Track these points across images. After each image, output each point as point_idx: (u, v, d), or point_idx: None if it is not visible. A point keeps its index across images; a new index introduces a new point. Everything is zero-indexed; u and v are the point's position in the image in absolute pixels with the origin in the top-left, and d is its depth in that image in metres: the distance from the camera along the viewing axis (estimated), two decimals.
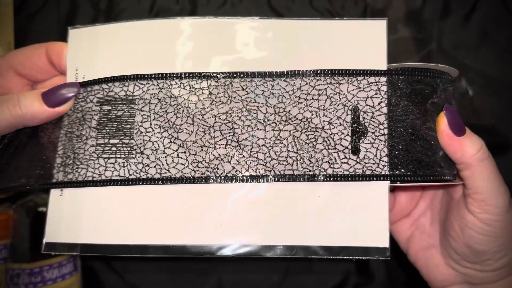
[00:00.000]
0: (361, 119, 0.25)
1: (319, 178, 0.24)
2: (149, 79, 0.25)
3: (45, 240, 0.26)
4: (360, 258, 0.25)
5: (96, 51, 0.26)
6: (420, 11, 0.46)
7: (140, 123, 0.25)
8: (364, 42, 0.26)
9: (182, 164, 0.25)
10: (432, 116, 0.26)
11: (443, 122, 0.25)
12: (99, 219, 0.25)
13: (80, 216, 0.25)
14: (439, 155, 0.26)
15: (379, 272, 0.45)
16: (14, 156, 0.27)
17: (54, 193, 0.26)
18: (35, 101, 0.24)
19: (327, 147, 0.25)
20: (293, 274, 0.44)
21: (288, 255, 0.25)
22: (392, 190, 0.33)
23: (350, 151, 0.25)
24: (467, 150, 0.25)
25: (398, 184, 0.25)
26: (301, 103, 0.25)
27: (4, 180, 0.27)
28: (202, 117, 0.25)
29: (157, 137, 0.25)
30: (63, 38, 0.41)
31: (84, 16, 0.42)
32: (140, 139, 0.25)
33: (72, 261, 0.37)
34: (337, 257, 0.25)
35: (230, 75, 0.25)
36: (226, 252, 0.25)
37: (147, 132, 0.25)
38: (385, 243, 0.25)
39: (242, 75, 0.25)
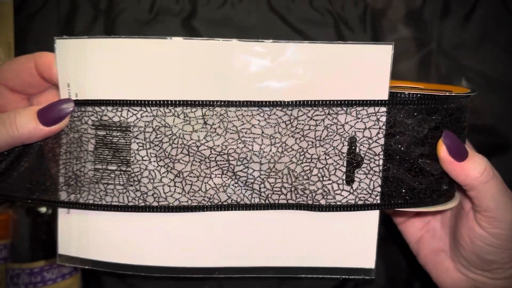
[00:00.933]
0: (357, 150, 0.24)
1: (312, 209, 0.25)
2: (142, 106, 0.24)
3: (58, 252, 0.27)
4: (347, 278, 0.27)
5: (86, 66, 0.25)
6: (420, 11, 0.46)
7: (136, 151, 0.25)
8: (368, 68, 0.24)
9: (179, 193, 0.25)
10: (432, 142, 0.25)
11: (442, 150, 0.25)
12: (105, 238, 0.26)
13: (87, 234, 0.26)
14: (436, 182, 0.26)
15: (379, 272, 0.45)
16: (16, 167, 0.27)
17: (62, 210, 0.26)
18: (31, 121, 0.24)
19: (321, 179, 0.25)
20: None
21: (279, 275, 0.27)
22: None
23: (344, 182, 0.25)
24: (470, 173, 0.25)
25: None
26: (297, 133, 0.24)
27: (6, 188, 0.27)
28: (198, 149, 0.25)
29: (154, 166, 0.25)
30: None
31: (84, 16, 0.42)
32: (137, 167, 0.25)
33: None
34: (325, 276, 0.27)
35: (226, 104, 0.24)
36: (222, 273, 0.27)
37: (143, 160, 0.25)
38: (371, 264, 0.27)
39: (238, 104, 0.24)
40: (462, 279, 0.29)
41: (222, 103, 0.24)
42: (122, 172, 0.25)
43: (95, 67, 0.25)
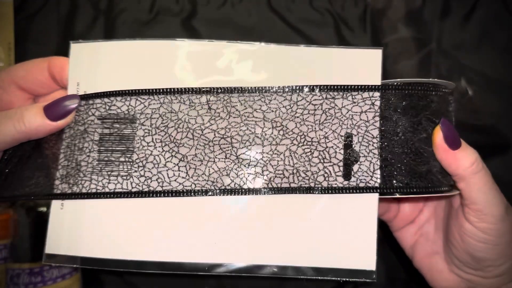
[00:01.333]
0: (355, 133, 0.25)
1: (314, 191, 0.25)
2: (150, 94, 0.26)
3: (45, 251, 0.26)
4: (347, 280, 0.26)
5: (97, 67, 0.27)
6: (420, 11, 0.46)
7: (142, 137, 0.26)
8: (360, 69, 0.26)
9: (183, 177, 0.26)
10: (426, 129, 0.26)
11: (438, 136, 0.26)
12: (99, 233, 0.26)
13: (81, 230, 0.26)
14: (433, 167, 0.26)
15: (379, 272, 0.45)
16: (18, 166, 0.27)
17: (55, 205, 0.26)
18: (38, 116, 0.24)
19: (322, 161, 0.25)
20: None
21: (279, 275, 0.27)
22: (399, 200, 0.33)
23: (343, 171, 0.25)
24: (461, 163, 0.26)
25: (393, 196, 0.26)
26: (297, 117, 0.25)
27: (9, 189, 0.27)
28: (202, 132, 0.26)
29: (159, 151, 0.26)
30: (63, 38, 0.41)
31: (84, 16, 0.42)
32: (142, 153, 0.26)
33: None
34: (325, 278, 0.26)
35: (229, 90, 0.25)
36: (219, 270, 0.27)
37: (148, 146, 0.26)
38: (372, 266, 0.27)
39: (240, 90, 0.25)
40: (456, 280, 0.29)
41: (226, 89, 0.25)
42: (126, 159, 0.26)
43: (107, 67, 0.27)
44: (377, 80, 0.26)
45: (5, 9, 0.40)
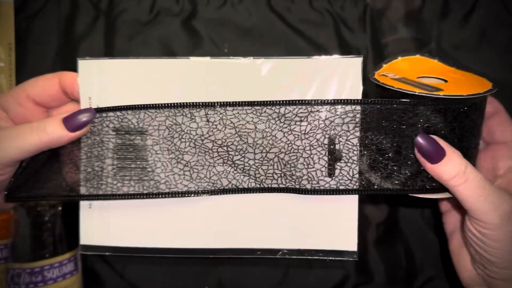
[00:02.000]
0: (336, 142, 0.28)
1: (299, 192, 0.29)
2: (157, 108, 0.29)
3: (81, 242, 0.32)
4: (333, 258, 0.32)
5: (106, 82, 0.30)
6: (419, 11, 0.46)
7: (151, 146, 0.30)
8: (342, 77, 0.30)
9: (187, 180, 0.30)
10: (405, 138, 0.27)
11: (415, 149, 0.27)
12: (124, 227, 0.32)
13: (109, 225, 0.32)
14: (411, 172, 0.27)
15: (378, 272, 0.45)
16: (36, 170, 0.31)
17: (84, 205, 0.32)
18: (59, 127, 0.28)
19: (306, 167, 0.29)
20: (293, 274, 0.44)
21: (273, 256, 0.32)
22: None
23: (327, 170, 0.29)
24: (442, 176, 0.26)
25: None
26: (285, 128, 0.29)
27: (28, 190, 0.31)
28: (202, 142, 0.29)
29: (166, 158, 0.30)
30: (64, 38, 0.41)
31: (85, 16, 0.42)
32: (152, 160, 0.30)
33: (73, 261, 0.37)
34: (315, 257, 0.32)
35: (225, 104, 0.29)
36: (220, 254, 0.32)
37: (157, 154, 0.30)
38: (354, 248, 0.32)
39: (234, 104, 0.29)
40: (477, 276, 0.30)
41: (222, 103, 0.29)
42: (138, 165, 0.30)
43: (115, 83, 0.31)
44: (358, 88, 0.29)
45: (6, 9, 0.40)
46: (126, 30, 0.42)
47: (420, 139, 0.26)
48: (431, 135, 0.27)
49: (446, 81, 0.29)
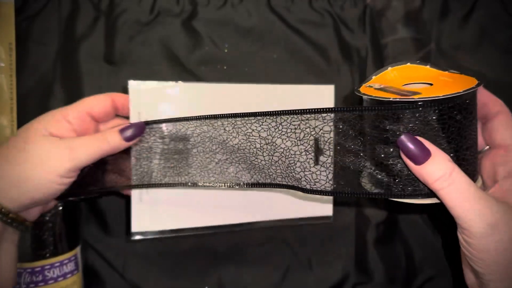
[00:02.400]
0: (320, 145, 0.31)
1: (302, 191, 0.32)
2: (187, 120, 0.36)
3: (132, 230, 0.39)
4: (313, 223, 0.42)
5: (155, 102, 0.39)
6: (419, 12, 0.46)
7: (191, 149, 0.37)
8: (318, 101, 0.41)
9: (217, 175, 0.36)
10: (381, 143, 0.28)
11: (401, 151, 0.26)
12: (167, 213, 0.40)
13: (157, 213, 0.40)
14: (398, 176, 0.28)
15: (378, 272, 0.45)
16: (93, 170, 0.37)
17: (135, 197, 0.39)
18: (117, 138, 0.34)
19: (303, 170, 0.32)
20: (293, 274, 0.45)
21: (267, 225, 0.42)
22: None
23: (321, 172, 0.32)
24: (426, 178, 0.26)
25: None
26: (283, 135, 0.33)
27: (85, 186, 0.36)
28: (226, 145, 0.35)
29: (202, 157, 0.37)
30: (64, 38, 0.41)
31: (85, 17, 0.42)
32: (191, 159, 0.37)
33: (73, 260, 0.38)
34: (301, 223, 0.43)
35: (235, 115, 0.34)
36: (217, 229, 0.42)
37: (195, 154, 0.37)
38: (330, 213, 0.43)
39: (241, 115, 0.34)
40: (474, 280, 0.29)
41: (232, 114, 0.35)
42: (181, 164, 0.37)
43: (162, 102, 0.39)
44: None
45: (6, 9, 0.40)
46: (127, 31, 0.42)
47: (404, 139, 0.26)
48: (416, 136, 0.26)
49: (431, 85, 0.29)
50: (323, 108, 0.30)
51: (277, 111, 0.33)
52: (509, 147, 0.29)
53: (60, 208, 0.37)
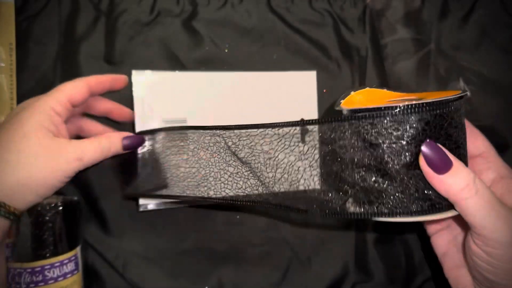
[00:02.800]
0: (306, 137, 0.29)
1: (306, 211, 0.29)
2: (200, 129, 0.35)
3: (140, 203, 0.40)
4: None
5: (157, 90, 0.40)
6: (419, 12, 0.46)
7: (207, 160, 0.35)
8: (300, 90, 0.40)
9: (229, 189, 0.34)
10: (360, 152, 0.26)
11: (421, 161, 0.25)
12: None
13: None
14: (391, 188, 0.26)
15: (378, 271, 0.45)
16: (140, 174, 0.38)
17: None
18: (119, 146, 0.35)
19: (307, 187, 0.29)
20: (292, 273, 0.45)
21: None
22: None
23: (323, 191, 0.29)
24: (450, 188, 0.24)
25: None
26: (286, 148, 0.29)
27: (131, 189, 0.39)
28: (237, 157, 0.33)
29: (217, 169, 0.34)
30: (64, 38, 0.41)
31: (85, 17, 0.42)
32: (207, 171, 0.35)
33: (74, 260, 0.38)
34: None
35: (239, 127, 0.32)
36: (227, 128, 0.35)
37: (210, 166, 0.35)
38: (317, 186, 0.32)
39: (244, 127, 0.31)
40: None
41: (237, 126, 0.32)
42: (197, 175, 0.35)
43: (162, 90, 0.40)
44: (313, 96, 0.38)
45: (6, 9, 0.40)
46: (127, 31, 0.42)
47: (426, 147, 0.25)
48: (438, 144, 0.25)
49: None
50: (329, 118, 0.28)
51: (279, 123, 0.30)
52: (484, 153, 0.30)
53: (60, 208, 0.37)
